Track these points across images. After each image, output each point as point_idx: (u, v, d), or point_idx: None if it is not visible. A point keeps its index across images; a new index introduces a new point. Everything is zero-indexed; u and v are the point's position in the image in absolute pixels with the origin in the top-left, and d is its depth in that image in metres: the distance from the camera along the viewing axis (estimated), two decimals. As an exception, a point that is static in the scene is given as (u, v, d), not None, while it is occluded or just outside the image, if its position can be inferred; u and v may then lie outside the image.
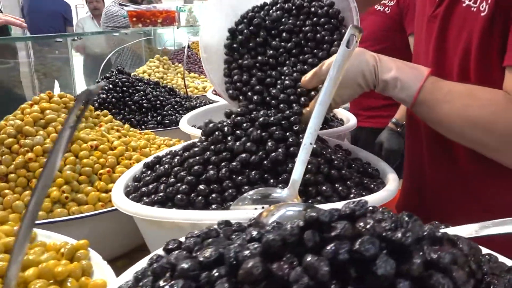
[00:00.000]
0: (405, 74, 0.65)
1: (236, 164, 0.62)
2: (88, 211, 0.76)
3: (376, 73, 0.66)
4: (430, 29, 0.74)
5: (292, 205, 0.50)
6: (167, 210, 0.58)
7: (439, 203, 0.80)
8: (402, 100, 0.66)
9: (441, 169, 0.78)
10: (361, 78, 0.66)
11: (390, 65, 0.66)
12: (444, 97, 0.63)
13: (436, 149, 0.77)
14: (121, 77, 1.49)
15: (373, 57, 0.67)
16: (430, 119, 0.66)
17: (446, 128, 0.65)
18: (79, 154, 0.84)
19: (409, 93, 0.64)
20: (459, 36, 0.68)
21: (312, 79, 0.71)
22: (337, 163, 0.65)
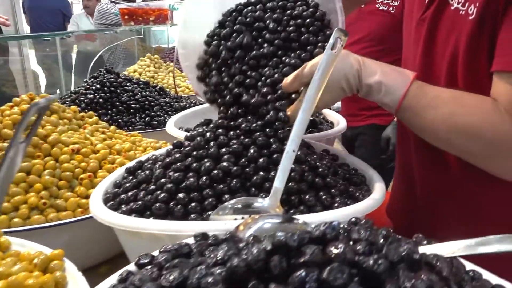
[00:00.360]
0: (390, 78, 0.63)
1: (218, 172, 0.60)
2: (67, 217, 0.74)
3: (360, 77, 0.64)
4: (419, 32, 0.73)
5: (270, 217, 0.48)
6: (143, 221, 0.55)
7: (429, 208, 0.78)
8: (386, 105, 0.64)
9: (431, 174, 0.76)
10: (344, 82, 0.64)
11: (375, 68, 0.64)
12: (430, 103, 0.61)
13: (425, 154, 0.75)
14: (109, 77, 1.46)
15: (357, 60, 0.65)
16: (415, 125, 0.65)
17: (431, 135, 0.64)
18: (60, 158, 0.82)
19: (394, 98, 0.62)
20: (448, 39, 0.66)
21: (293, 82, 0.68)
22: (321, 170, 0.64)
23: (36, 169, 0.78)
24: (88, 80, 1.50)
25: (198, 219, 0.57)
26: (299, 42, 0.74)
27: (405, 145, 0.81)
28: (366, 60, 0.65)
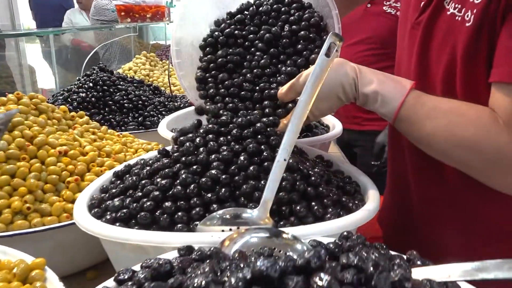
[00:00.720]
0: (386, 87, 0.61)
1: (206, 180, 0.58)
2: (51, 223, 0.72)
3: (356, 85, 0.62)
4: (413, 36, 0.71)
5: (257, 231, 0.46)
6: (127, 231, 0.53)
7: (423, 216, 0.77)
8: (383, 115, 0.63)
9: (426, 182, 0.74)
10: (340, 91, 0.63)
11: (371, 77, 0.62)
12: (428, 113, 0.59)
13: (420, 163, 0.73)
14: (103, 75, 1.44)
15: (354, 68, 0.63)
16: (412, 136, 0.63)
17: (429, 147, 0.62)
18: (46, 160, 0.80)
19: (390, 109, 0.61)
20: (443, 45, 0.64)
21: (288, 91, 0.67)
22: (314, 179, 0.61)
23: (21, 172, 0.76)
24: (81, 78, 1.47)
25: (184, 229, 0.55)
26: (295, 49, 0.72)
27: (398, 153, 0.80)
28: (362, 69, 0.63)
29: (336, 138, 1.75)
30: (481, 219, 0.68)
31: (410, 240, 0.81)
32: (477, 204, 0.68)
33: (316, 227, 0.53)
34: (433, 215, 0.74)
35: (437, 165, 0.69)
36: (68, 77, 2.70)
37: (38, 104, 0.95)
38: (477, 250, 0.68)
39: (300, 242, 0.45)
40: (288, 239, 0.45)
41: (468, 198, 0.68)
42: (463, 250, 0.69)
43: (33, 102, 0.94)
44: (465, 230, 0.70)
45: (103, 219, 0.59)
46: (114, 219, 0.59)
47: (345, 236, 0.49)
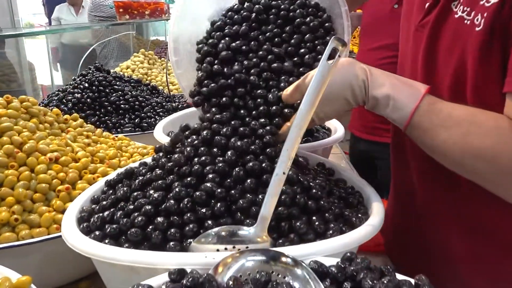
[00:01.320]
0: (399, 92, 0.57)
1: (200, 194, 0.54)
2: (40, 235, 0.69)
3: (366, 88, 0.58)
4: (418, 39, 0.67)
5: (253, 254, 0.43)
6: (117, 251, 0.50)
7: (429, 224, 0.73)
8: (394, 121, 0.59)
9: (434, 190, 0.71)
10: (349, 93, 0.59)
11: (383, 80, 0.58)
12: (442, 121, 0.55)
13: (426, 170, 0.70)
14: (98, 75, 1.40)
15: (364, 70, 0.59)
16: (424, 144, 0.59)
17: (442, 156, 0.58)
18: (36, 168, 0.76)
19: (402, 114, 0.57)
20: (451, 50, 0.61)
21: (293, 93, 0.63)
22: (315, 192, 0.58)
23: (9, 180, 0.73)
24: (76, 78, 1.44)
25: (177, 247, 0.52)
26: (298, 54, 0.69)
27: (401, 159, 0.76)
28: (373, 70, 0.59)
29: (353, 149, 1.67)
30: (489, 228, 0.65)
31: (412, 247, 0.78)
32: (486, 212, 0.64)
33: (317, 245, 0.49)
34: (438, 222, 0.71)
35: (445, 171, 0.65)
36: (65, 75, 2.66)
37: (29, 108, 0.92)
38: (483, 258, 0.65)
39: (301, 266, 0.42)
40: (288, 264, 0.42)
41: (476, 205, 0.65)
42: (469, 257, 0.66)
43: (24, 105, 0.91)
44: (472, 238, 0.66)
45: (92, 235, 0.56)
46: (103, 235, 0.55)
47: (349, 257, 0.46)
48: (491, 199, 0.60)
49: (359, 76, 0.58)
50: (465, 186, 0.63)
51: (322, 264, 0.45)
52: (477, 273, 0.65)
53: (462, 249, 0.67)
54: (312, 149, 0.89)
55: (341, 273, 0.42)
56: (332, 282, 0.42)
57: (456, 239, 0.68)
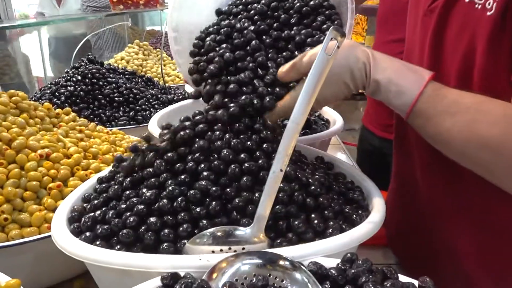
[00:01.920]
0: (403, 76, 0.54)
1: (195, 193, 0.52)
2: (31, 234, 0.67)
3: (367, 71, 0.55)
4: (426, 24, 0.64)
5: (250, 257, 0.41)
6: (108, 253, 0.48)
7: (432, 218, 0.71)
8: (396, 107, 0.56)
9: (437, 183, 0.68)
10: (348, 76, 0.56)
11: (386, 64, 0.55)
12: (447, 108, 0.52)
13: (430, 162, 0.68)
14: (91, 67, 1.37)
15: (365, 52, 0.56)
16: (428, 133, 0.56)
17: (445, 145, 0.55)
18: (26, 165, 0.74)
19: (405, 100, 0.54)
20: (460, 35, 0.58)
21: (290, 71, 0.60)
22: (314, 188, 0.56)
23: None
24: (69, 70, 1.41)
25: (171, 248, 0.50)
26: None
27: (404, 151, 0.74)
28: (376, 53, 0.56)
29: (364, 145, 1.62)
30: (494, 222, 0.63)
31: (414, 241, 0.76)
32: (490, 206, 0.62)
33: (317, 245, 0.47)
34: (441, 215, 0.69)
35: (448, 163, 0.63)
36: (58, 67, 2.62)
37: (19, 103, 0.89)
38: (487, 252, 0.63)
39: (299, 270, 0.40)
40: (286, 267, 0.40)
41: (480, 199, 0.63)
42: (473, 252, 0.64)
43: (13, 100, 0.88)
44: (475, 232, 0.65)
45: (83, 236, 0.54)
46: (94, 236, 0.53)
47: (349, 259, 0.44)
48: (496, 192, 0.58)
49: (359, 58, 0.55)
50: (469, 178, 0.61)
51: (322, 265, 0.43)
52: (480, 268, 0.63)
53: (466, 243, 0.65)
54: (310, 141, 0.87)
55: (341, 276, 0.40)
56: (332, 285, 0.40)
57: (459, 233, 0.66)
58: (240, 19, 0.71)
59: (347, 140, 2.74)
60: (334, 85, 0.57)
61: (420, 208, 0.73)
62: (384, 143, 1.50)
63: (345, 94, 0.58)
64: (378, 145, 1.52)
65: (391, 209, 0.82)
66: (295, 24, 0.69)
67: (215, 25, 0.74)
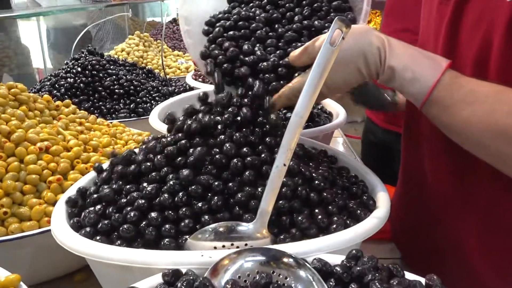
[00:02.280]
0: (419, 63, 0.53)
1: (196, 188, 0.51)
2: (31, 228, 0.66)
3: (381, 57, 0.54)
4: (442, 13, 0.62)
5: (253, 254, 0.40)
6: (109, 249, 0.47)
7: (439, 212, 0.70)
8: (411, 95, 0.54)
9: (446, 176, 0.66)
10: (361, 62, 0.54)
11: (401, 50, 0.54)
12: (465, 97, 0.51)
13: (440, 156, 0.66)
14: (92, 59, 1.36)
15: (380, 38, 0.54)
16: (443, 122, 0.55)
17: (462, 136, 0.54)
18: (25, 158, 0.73)
19: (422, 87, 0.52)
20: (477, 25, 0.56)
21: (302, 55, 0.59)
22: (317, 183, 0.55)
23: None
24: (68, 62, 1.39)
25: (172, 244, 0.49)
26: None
27: (413, 142, 0.72)
28: (391, 40, 0.55)
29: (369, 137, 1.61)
30: (502, 218, 0.61)
31: (419, 237, 0.75)
32: (500, 201, 0.60)
33: (321, 242, 0.47)
34: (448, 210, 0.67)
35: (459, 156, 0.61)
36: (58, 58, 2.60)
37: (18, 95, 0.88)
38: (495, 250, 0.62)
39: (304, 268, 0.39)
40: (290, 264, 0.39)
41: (492, 194, 0.60)
42: (480, 249, 0.63)
43: (12, 92, 0.87)
44: (484, 229, 0.63)
45: (83, 231, 0.53)
46: (95, 231, 0.53)
47: (354, 255, 0.43)
48: (505, 188, 0.57)
49: (373, 43, 0.54)
50: (479, 173, 0.60)
51: (326, 262, 0.42)
52: (486, 263, 0.62)
53: (472, 238, 0.64)
54: (313, 135, 0.86)
55: (346, 274, 0.39)
56: (337, 283, 0.40)
57: (465, 228, 0.65)
58: (252, 7, 0.70)
59: (349, 132, 2.72)
60: (346, 71, 0.55)
61: (427, 202, 0.72)
62: (388, 134, 1.48)
63: (358, 81, 0.57)
64: (382, 137, 1.51)
65: (398, 203, 0.81)
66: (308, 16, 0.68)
67: (225, 12, 0.72)
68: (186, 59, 2.10)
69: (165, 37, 2.53)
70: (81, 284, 0.76)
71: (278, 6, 0.70)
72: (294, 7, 0.70)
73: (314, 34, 0.64)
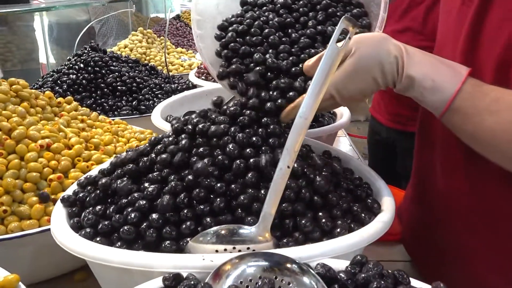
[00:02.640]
0: (439, 71, 0.51)
1: (199, 191, 0.50)
2: (31, 227, 0.65)
3: (398, 66, 0.52)
4: (463, 14, 0.60)
5: (256, 259, 0.40)
6: (109, 251, 0.46)
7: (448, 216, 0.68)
8: (431, 104, 0.52)
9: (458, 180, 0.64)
10: (377, 70, 0.52)
11: (420, 58, 0.52)
12: (489, 106, 0.49)
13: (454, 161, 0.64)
14: (94, 55, 1.35)
15: (398, 46, 0.53)
16: (466, 131, 0.53)
17: (485, 145, 0.52)
18: (26, 156, 0.72)
19: (443, 96, 0.51)
20: (501, 27, 0.54)
21: (316, 64, 0.57)
22: (321, 185, 0.54)
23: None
24: (71, 58, 1.39)
25: (173, 247, 0.48)
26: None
27: (427, 144, 0.70)
28: (409, 48, 0.53)
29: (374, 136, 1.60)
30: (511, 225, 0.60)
31: (430, 240, 0.72)
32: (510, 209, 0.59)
33: (324, 246, 0.46)
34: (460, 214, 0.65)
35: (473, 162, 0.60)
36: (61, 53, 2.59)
37: (19, 91, 0.87)
38: (501, 255, 0.60)
39: (308, 274, 0.38)
40: (293, 270, 0.38)
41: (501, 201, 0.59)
42: (487, 254, 0.61)
43: (14, 88, 0.86)
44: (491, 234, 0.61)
45: (83, 231, 0.52)
46: (95, 232, 0.52)
47: (359, 261, 0.42)
48: None
49: (391, 52, 0.52)
50: (495, 179, 0.58)
51: (330, 268, 0.41)
52: (494, 271, 0.61)
53: (479, 243, 0.62)
54: (316, 135, 0.85)
55: (351, 280, 0.39)
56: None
57: (473, 233, 0.63)
58: (265, 11, 0.69)
59: (352, 131, 2.71)
60: (361, 80, 0.53)
61: (438, 207, 0.69)
62: (392, 134, 1.47)
63: (373, 90, 0.55)
64: (387, 136, 1.50)
65: (409, 206, 0.79)
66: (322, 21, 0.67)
67: (238, 16, 0.71)
68: (189, 56, 2.09)
69: (168, 33, 2.52)
70: (81, 283, 0.75)
71: (292, 10, 0.69)
72: (308, 11, 0.68)
73: (328, 40, 0.63)
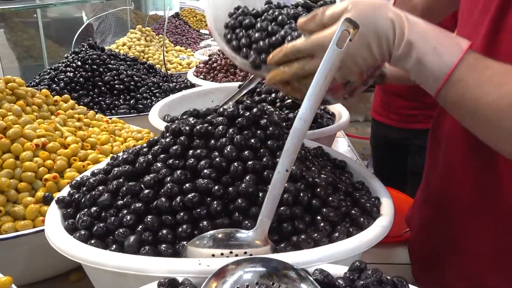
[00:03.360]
0: (441, 40, 0.48)
1: (193, 196, 0.50)
2: (25, 228, 0.64)
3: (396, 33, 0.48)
4: (487, 5, 0.57)
5: (252, 264, 0.39)
6: (104, 254, 0.46)
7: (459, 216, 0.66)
8: (430, 74, 0.48)
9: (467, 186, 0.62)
10: (373, 38, 0.49)
11: (422, 25, 0.49)
12: (491, 78, 0.45)
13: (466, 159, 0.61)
14: (92, 53, 1.34)
15: (396, 13, 0.49)
16: (467, 107, 0.47)
17: (487, 124, 0.46)
18: (21, 155, 0.71)
19: (443, 64, 0.46)
20: None
21: (309, 21, 0.54)
22: (320, 189, 0.53)
23: (-9, 169, 0.68)
24: (68, 55, 1.37)
25: (169, 250, 0.47)
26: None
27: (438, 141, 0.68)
28: (411, 16, 0.50)
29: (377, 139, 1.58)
30: None
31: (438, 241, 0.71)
32: None
33: (322, 251, 0.45)
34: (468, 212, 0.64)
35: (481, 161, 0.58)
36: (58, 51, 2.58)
37: (15, 89, 0.86)
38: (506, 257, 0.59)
39: (305, 281, 0.37)
40: (291, 277, 0.38)
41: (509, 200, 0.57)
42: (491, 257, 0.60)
43: (9, 86, 0.85)
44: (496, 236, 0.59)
45: (78, 234, 0.51)
46: (89, 235, 0.51)
47: (358, 267, 0.41)
48: None
49: (388, 17, 0.49)
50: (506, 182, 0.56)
51: (329, 274, 0.40)
52: (500, 273, 0.60)
53: (483, 244, 0.61)
54: (316, 136, 0.84)
55: (349, 287, 0.38)
56: (339, 296, 0.38)
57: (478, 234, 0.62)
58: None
59: (350, 132, 2.71)
60: (356, 51, 0.50)
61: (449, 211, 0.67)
62: (394, 132, 1.46)
63: (367, 64, 0.51)
64: (388, 135, 1.49)
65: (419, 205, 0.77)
66: None
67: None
68: (188, 55, 2.08)
69: (167, 31, 2.50)
70: (76, 284, 0.74)
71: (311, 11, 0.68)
72: None
73: None
